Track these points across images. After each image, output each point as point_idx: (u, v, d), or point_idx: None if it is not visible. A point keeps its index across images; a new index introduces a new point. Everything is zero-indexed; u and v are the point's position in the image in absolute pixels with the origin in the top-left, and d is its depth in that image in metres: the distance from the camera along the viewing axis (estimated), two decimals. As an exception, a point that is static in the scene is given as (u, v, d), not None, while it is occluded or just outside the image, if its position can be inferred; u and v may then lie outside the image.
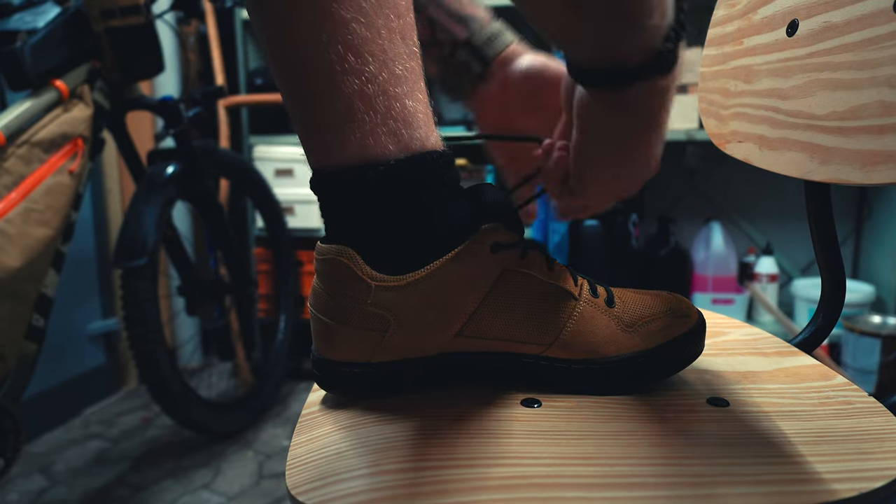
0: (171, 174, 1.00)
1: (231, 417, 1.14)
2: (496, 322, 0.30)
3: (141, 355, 0.94)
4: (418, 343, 0.30)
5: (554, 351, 0.31)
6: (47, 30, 0.82)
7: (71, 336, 1.25)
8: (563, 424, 0.28)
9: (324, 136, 0.27)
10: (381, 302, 0.28)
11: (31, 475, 1.04)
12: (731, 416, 0.29)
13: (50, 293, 0.81)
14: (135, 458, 1.09)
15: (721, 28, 0.43)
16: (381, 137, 0.26)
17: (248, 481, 1.02)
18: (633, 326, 0.31)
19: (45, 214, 0.78)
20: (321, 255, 0.29)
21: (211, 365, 1.51)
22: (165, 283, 1.33)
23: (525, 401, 0.31)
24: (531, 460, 0.26)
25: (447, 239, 0.28)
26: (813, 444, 0.27)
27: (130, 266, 0.92)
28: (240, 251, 1.19)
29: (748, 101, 0.39)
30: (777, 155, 0.36)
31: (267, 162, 1.36)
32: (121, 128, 0.98)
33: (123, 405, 1.31)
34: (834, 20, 0.32)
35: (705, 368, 0.35)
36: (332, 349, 0.30)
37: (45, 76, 0.81)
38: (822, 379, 0.34)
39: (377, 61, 0.26)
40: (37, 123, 0.79)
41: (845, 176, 0.31)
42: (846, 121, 0.31)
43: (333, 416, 0.30)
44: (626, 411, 0.29)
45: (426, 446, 0.27)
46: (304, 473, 0.26)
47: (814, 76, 0.33)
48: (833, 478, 0.25)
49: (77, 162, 0.83)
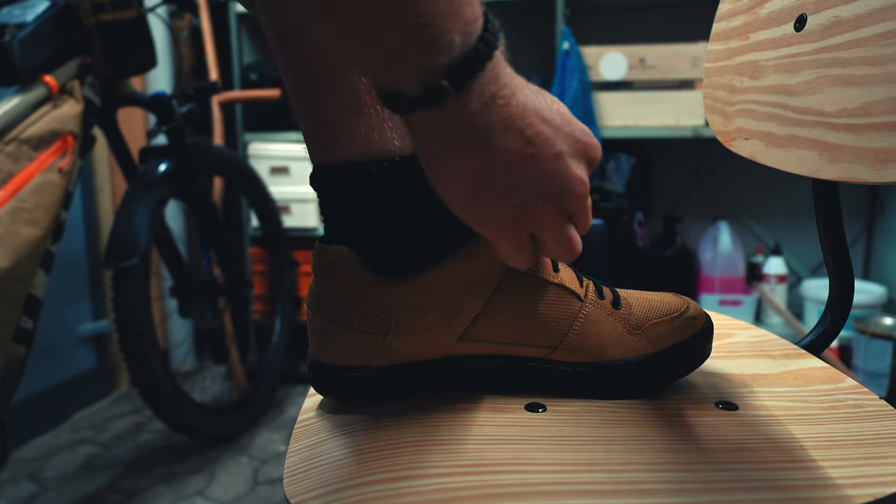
0: (164, 172, 0.99)
1: (225, 422, 1.12)
2: (500, 324, 0.29)
3: (132, 358, 0.93)
4: (419, 346, 0.29)
5: (559, 354, 0.30)
6: (36, 24, 0.80)
7: (60, 338, 1.23)
8: (569, 429, 0.28)
9: (328, 128, 0.26)
10: (382, 304, 0.28)
11: (19, 481, 1.02)
12: (740, 420, 0.29)
13: (39, 294, 0.79)
14: (126, 463, 1.08)
15: (726, 22, 0.43)
16: (387, 132, 0.26)
17: (243, 487, 1.00)
18: (639, 329, 0.31)
19: (34, 213, 0.77)
20: (320, 255, 0.28)
21: (204, 368, 1.49)
22: (158, 284, 1.32)
23: (529, 405, 0.30)
24: (536, 467, 0.25)
25: (450, 239, 0.28)
26: (825, 448, 0.26)
27: (122, 266, 0.91)
28: (234, 251, 1.18)
29: (754, 98, 0.39)
30: (785, 153, 0.36)
31: (262, 159, 1.35)
32: (112, 124, 0.97)
33: (115, 409, 1.29)
34: (844, 15, 0.32)
35: (712, 371, 0.34)
36: (329, 352, 0.29)
37: (34, 71, 0.80)
38: (830, 382, 0.33)
39: None
40: (25, 120, 0.77)
41: (856, 174, 0.31)
42: (856, 118, 0.31)
43: (331, 422, 0.29)
44: (632, 415, 0.29)
45: (428, 453, 0.26)
46: (302, 482, 0.25)
47: (823, 72, 0.33)
48: (846, 483, 0.24)
49: (67, 159, 0.81)
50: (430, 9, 0.19)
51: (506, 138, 0.23)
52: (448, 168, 0.23)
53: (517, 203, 0.24)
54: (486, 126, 0.22)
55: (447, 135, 0.22)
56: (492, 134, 0.22)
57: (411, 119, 0.22)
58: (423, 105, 0.21)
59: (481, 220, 0.24)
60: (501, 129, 0.22)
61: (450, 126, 0.22)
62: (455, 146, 0.22)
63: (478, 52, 0.21)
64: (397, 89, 0.21)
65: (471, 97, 0.21)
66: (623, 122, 1.24)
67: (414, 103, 0.21)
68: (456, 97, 0.21)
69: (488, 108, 0.22)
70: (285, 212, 1.35)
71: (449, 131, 0.22)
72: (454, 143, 0.22)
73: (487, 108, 0.22)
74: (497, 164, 0.23)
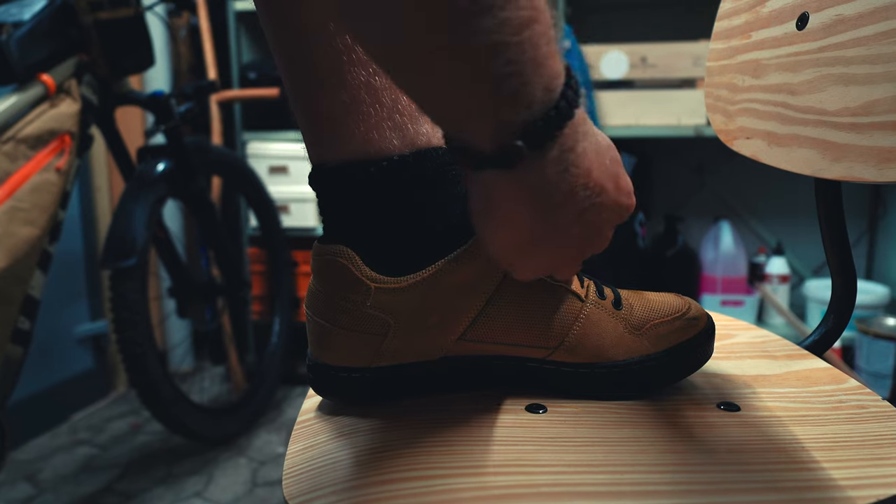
0: (162, 172, 0.98)
1: (224, 423, 1.12)
2: (500, 325, 0.29)
3: (130, 359, 0.92)
4: (419, 347, 0.29)
5: (560, 355, 0.30)
6: (33, 22, 0.80)
7: (58, 339, 1.23)
8: (570, 431, 0.28)
9: (327, 128, 0.26)
10: (381, 304, 0.27)
11: (16, 483, 1.01)
12: (742, 421, 0.29)
13: (36, 294, 0.79)
14: (124, 465, 1.07)
15: (728, 21, 0.42)
16: (386, 132, 0.26)
17: (242, 489, 1.00)
18: (640, 329, 0.30)
19: (32, 213, 0.76)
20: (319, 255, 0.28)
21: (203, 369, 1.49)
22: (156, 284, 1.31)
23: (530, 406, 0.30)
24: (537, 468, 0.25)
25: (449, 239, 0.28)
26: (828, 449, 0.26)
27: (120, 266, 0.90)
28: (233, 251, 1.17)
29: (756, 97, 0.39)
30: (787, 152, 0.36)
31: (261, 159, 1.35)
32: (110, 123, 0.97)
33: (112, 410, 1.28)
34: (846, 13, 0.31)
35: (714, 372, 0.34)
36: (329, 353, 0.29)
37: (32, 70, 0.80)
38: (833, 382, 0.33)
39: None
40: (22, 119, 0.77)
41: (858, 173, 0.30)
42: (859, 117, 0.30)
43: (331, 423, 0.29)
44: (634, 417, 0.29)
45: (428, 454, 0.26)
46: (301, 483, 0.25)
47: (825, 71, 0.33)
48: (849, 484, 0.24)
49: (64, 159, 0.81)
50: (518, 57, 0.18)
51: (572, 199, 0.22)
52: (504, 221, 0.22)
53: (557, 250, 0.24)
54: (554, 188, 0.21)
55: (511, 192, 0.21)
56: (558, 196, 0.21)
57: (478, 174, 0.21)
58: (493, 165, 0.20)
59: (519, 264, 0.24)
60: (568, 191, 0.22)
61: (517, 185, 0.21)
62: (514, 204, 0.21)
63: (559, 110, 0.20)
64: (469, 144, 0.20)
65: (545, 162, 0.20)
66: (624, 122, 1.24)
67: (484, 161, 0.20)
68: (531, 159, 0.20)
69: (561, 174, 0.21)
70: (284, 211, 1.34)
71: (515, 189, 0.21)
72: (514, 202, 0.21)
73: (560, 175, 0.21)
74: (557, 222, 0.22)
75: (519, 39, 0.18)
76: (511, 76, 0.18)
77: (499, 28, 0.17)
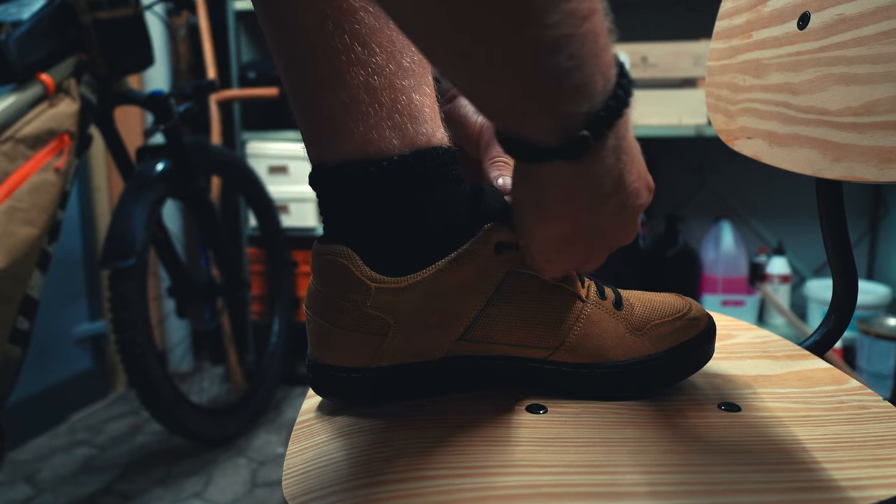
0: (161, 171, 0.98)
1: (223, 423, 1.12)
2: (500, 325, 0.29)
3: (129, 359, 0.92)
4: (419, 347, 0.29)
5: (560, 355, 0.30)
6: (32, 22, 0.80)
7: (57, 339, 1.22)
8: (571, 431, 0.28)
9: (326, 128, 0.26)
10: (381, 304, 0.27)
11: (15, 483, 1.01)
12: (743, 421, 0.29)
13: (35, 294, 0.79)
14: (123, 465, 1.07)
15: (729, 20, 0.42)
16: (386, 132, 0.26)
17: (241, 490, 1.00)
18: (641, 330, 0.30)
19: (30, 213, 0.76)
20: (319, 255, 0.28)
21: (202, 369, 1.49)
22: (155, 285, 1.31)
23: (530, 407, 0.30)
24: (538, 468, 0.25)
25: (449, 239, 0.27)
26: (829, 450, 0.26)
27: (119, 267, 0.90)
28: (232, 251, 1.17)
29: (757, 97, 0.39)
30: (788, 152, 0.36)
31: (260, 158, 1.34)
32: (109, 123, 0.97)
33: (111, 411, 1.28)
34: (847, 13, 0.31)
35: (715, 372, 0.34)
36: (328, 353, 0.29)
37: (31, 70, 0.79)
38: (834, 383, 0.33)
39: (384, 52, 0.25)
40: (21, 119, 0.77)
41: (859, 173, 0.30)
42: (860, 116, 0.30)
43: (331, 424, 0.29)
44: (635, 417, 0.29)
45: (428, 455, 0.26)
46: (301, 484, 0.25)
47: (826, 70, 0.33)
48: (850, 485, 0.24)
49: (63, 159, 0.81)
50: (579, 51, 0.18)
51: (621, 188, 0.22)
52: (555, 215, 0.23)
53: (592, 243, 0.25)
54: (608, 177, 0.22)
55: (570, 183, 0.21)
56: (610, 184, 0.22)
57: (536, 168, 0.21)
58: (560, 156, 0.20)
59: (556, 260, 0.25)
60: (619, 178, 0.22)
61: (577, 176, 0.21)
62: (571, 196, 0.22)
63: (617, 99, 0.20)
64: (533, 138, 0.20)
65: (605, 150, 0.21)
66: (623, 122, 1.24)
67: (549, 154, 0.20)
68: (595, 149, 0.20)
69: (615, 163, 0.21)
70: (283, 211, 1.34)
71: (574, 180, 0.21)
72: (571, 193, 0.22)
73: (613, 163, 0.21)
74: (603, 212, 0.23)
75: (582, 32, 0.18)
76: (574, 70, 0.18)
77: (564, 21, 0.17)
